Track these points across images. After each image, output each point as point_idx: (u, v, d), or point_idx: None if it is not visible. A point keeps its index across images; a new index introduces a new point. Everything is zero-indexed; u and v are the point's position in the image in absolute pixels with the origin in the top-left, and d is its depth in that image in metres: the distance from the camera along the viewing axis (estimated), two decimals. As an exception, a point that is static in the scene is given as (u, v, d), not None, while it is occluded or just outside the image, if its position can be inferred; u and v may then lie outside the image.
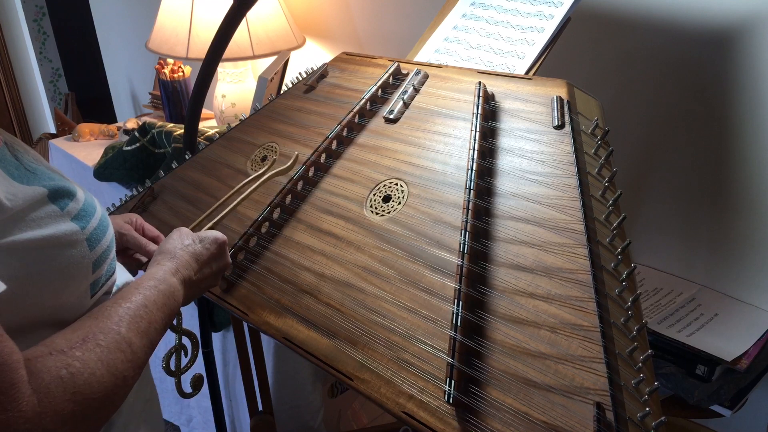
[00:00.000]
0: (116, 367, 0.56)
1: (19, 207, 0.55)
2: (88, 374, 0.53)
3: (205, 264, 0.78)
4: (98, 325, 0.58)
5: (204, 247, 0.78)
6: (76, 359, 0.53)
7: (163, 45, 1.70)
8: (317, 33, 1.83)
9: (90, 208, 0.65)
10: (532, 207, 0.78)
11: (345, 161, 0.98)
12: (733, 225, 1.14)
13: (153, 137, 1.58)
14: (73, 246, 0.60)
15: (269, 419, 1.35)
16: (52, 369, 0.51)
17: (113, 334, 0.58)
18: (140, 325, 0.61)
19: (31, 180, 0.59)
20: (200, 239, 0.79)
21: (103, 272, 0.66)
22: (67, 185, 0.63)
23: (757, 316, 1.09)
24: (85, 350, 0.54)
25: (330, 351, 0.78)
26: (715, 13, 1.07)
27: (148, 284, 0.67)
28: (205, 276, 0.78)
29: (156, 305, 0.65)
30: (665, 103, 1.18)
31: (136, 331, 0.60)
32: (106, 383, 0.54)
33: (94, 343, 0.55)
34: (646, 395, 0.62)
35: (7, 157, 0.60)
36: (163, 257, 0.74)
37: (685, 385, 1.00)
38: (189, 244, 0.77)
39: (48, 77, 3.63)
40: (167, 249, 0.76)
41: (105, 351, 0.56)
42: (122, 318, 0.60)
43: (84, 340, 0.55)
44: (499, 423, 0.64)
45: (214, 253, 0.79)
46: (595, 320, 0.66)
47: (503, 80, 0.94)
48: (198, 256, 0.77)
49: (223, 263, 0.81)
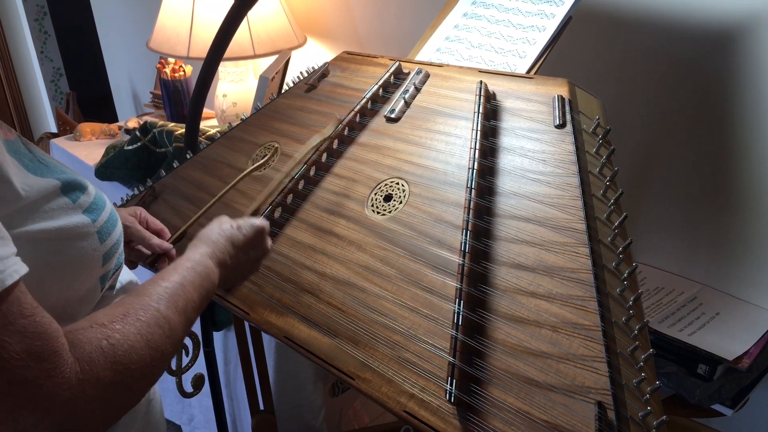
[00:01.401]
0: (155, 341, 0.58)
1: (33, 198, 0.57)
2: (128, 346, 0.55)
3: (241, 249, 0.78)
4: (138, 301, 0.60)
5: (242, 232, 0.79)
6: (117, 332, 0.55)
7: (164, 44, 1.70)
8: (318, 32, 1.83)
9: (100, 202, 0.67)
10: (534, 206, 0.78)
11: (346, 160, 0.98)
12: (734, 224, 1.14)
13: (154, 136, 1.58)
14: (84, 238, 0.62)
15: (270, 418, 1.35)
16: (93, 339, 0.53)
17: (152, 310, 0.59)
18: (178, 304, 0.63)
19: (45, 172, 0.61)
20: (238, 225, 0.80)
21: (112, 266, 0.68)
22: (79, 179, 0.65)
23: (758, 316, 1.09)
24: (125, 324, 0.56)
25: (331, 350, 0.78)
26: (716, 12, 1.07)
27: (186, 265, 0.69)
28: (241, 261, 0.79)
29: (193, 285, 0.67)
30: (666, 102, 1.17)
31: (174, 309, 0.62)
32: (145, 356, 0.56)
33: (134, 318, 0.57)
34: (648, 394, 0.62)
35: (22, 150, 0.62)
36: (199, 241, 0.76)
37: (686, 385, 1.00)
38: (226, 229, 0.78)
39: (49, 76, 3.63)
40: (205, 234, 0.77)
41: (144, 326, 0.57)
42: (161, 296, 0.62)
43: (124, 315, 0.57)
44: (501, 422, 0.64)
45: (251, 238, 0.80)
46: (596, 319, 0.66)
47: (504, 79, 0.94)
48: (234, 240, 0.78)
49: (262, 250, 0.82)
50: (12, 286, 0.48)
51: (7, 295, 0.48)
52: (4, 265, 0.48)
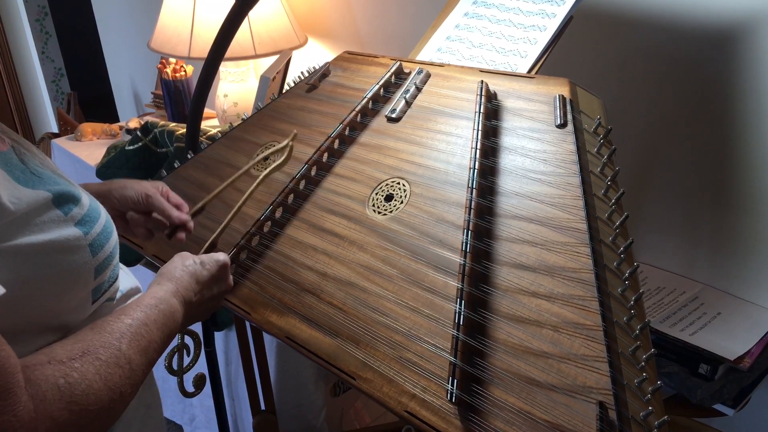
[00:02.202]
0: (114, 382, 0.57)
1: (22, 211, 0.56)
2: (86, 386, 0.54)
3: (206, 286, 0.78)
4: (100, 339, 0.58)
5: (205, 268, 0.78)
6: (75, 370, 0.54)
7: (165, 44, 1.70)
8: (319, 32, 1.83)
9: (94, 214, 0.65)
10: (535, 206, 0.78)
11: (347, 160, 0.98)
12: (735, 223, 1.14)
13: (155, 137, 1.58)
14: (75, 251, 0.60)
15: (272, 418, 1.36)
16: (50, 377, 0.52)
17: (113, 349, 0.58)
18: (140, 343, 0.62)
19: (36, 184, 0.59)
20: (201, 261, 0.79)
21: (106, 278, 0.66)
22: (72, 190, 0.63)
23: (760, 315, 1.09)
24: (84, 362, 0.55)
25: (332, 350, 0.78)
26: (717, 12, 1.07)
27: (150, 303, 0.67)
28: (205, 298, 0.78)
29: (156, 324, 0.66)
30: (667, 102, 1.17)
31: (136, 349, 0.61)
32: (103, 396, 0.55)
33: (93, 357, 0.56)
34: (649, 394, 0.62)
35: (14, 161, 0.60)
36: (163, 278, 0.75)
37: (687, 384, 1.00)
38: (189, 265, 0.78)
39: (50, 77, 3.63)
40: (168, 270, 0.76)
41: (104, 365, 0.56)
42: (124, 334, 0.61)
43: (84, 353, 0.56)
44: (502, 422, 0.64)
45: (215, 274, 0.79)
46: (597, 319, 0.66)
47: (505, 79, 0.94)
48: (198, 276, 0.77)
49: (225, 285, 0.82)
50: None
51: None
52: None
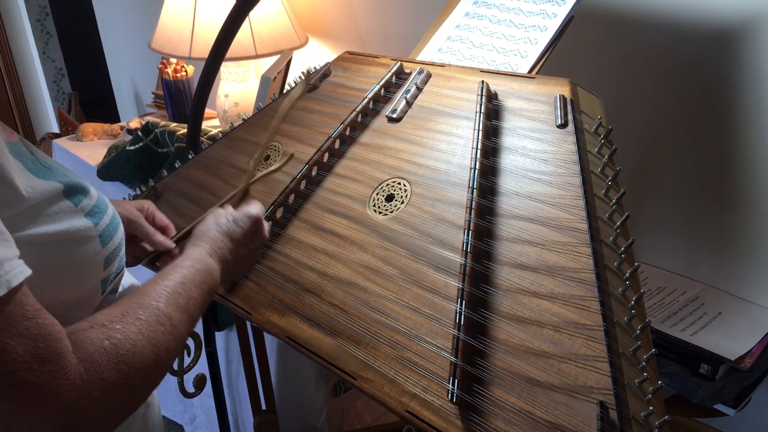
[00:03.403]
0: (157, 339, 0.57)
1: (36, 200, 0.57)
2: (130, 345, 0.54)
3: (241, 243, 0.78)
4: (137, 301, 0.59)
5: (238, 225, 0.79)
6: (117, 331, 0.54)
7: (166, 45, 1.70)
8: (320, 32, 1.83)
9: (102, 205, 0.66)
10: (535, 206, 0.78)
11: (348, 160, 0.98)
12: (736, 223, 1.14)
13: (156, 137, 1.58)
14: (86, 242, 0.61)
15: (272, 418, 1.36)
16: (95, 340, 0.53)
17: (152, 308, 0.59)
18: (179, 301, 0.62)
19: (48, 175, 0.61)
20: (234, 218, 0.79)
21: (114, 269, 0.67)
22: (81, 182, 0.64)
23: (760, 315, 1.09)
24: (125, 323, 0.56)
25: (333, 350, 0.78)
26: (718, 12, 1.07)
27: (185, 264, 0.68)
28: (241, 255, 0.79)
29: (194, 283, 0.66)
30: (668, 102, 1.17)
31: (174, 306, 0.61)
32: (149, 354, 0.56)
33: (133, 317, 0.57)
34: (650, 394, 0.62)
35: (24, 152, 0.61)
36: (197, 239, 0.75)
37: (688, 384, 1.00)
38: (223, 223, 0.78)
39: (51, 77, 3.63)
40: (202, 231, 0.77)
41: (145, 324, 0.57)
42: (160, 294, 0.61)
43: (123, 315, 0.57)
44: (503, 422, 0.64)
45: (249, 230, 0.80)
46: (598, 319, 0.66)
47: (506, 79, 0.94)
48: (232, 234, 0.78)
49: (260, 240, 0.82)
50: (15, 289, 0.48)
51: (11, 298, 0.47)
52: (8, 267, 0.48)
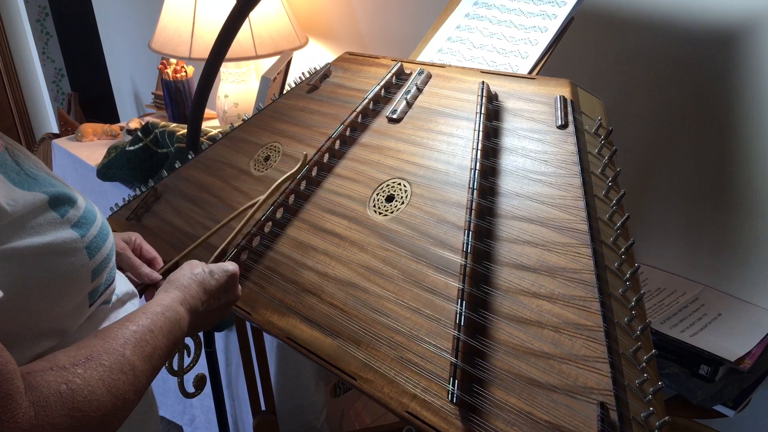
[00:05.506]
0: (117, 388, 0.56)
1: (19, 213, 0.55)
2: (88, 392, 0.53)
3: (213, 295, 0.77)
4: (103, 345, 0.58)
5: (213, 277, 0.77)
6: (77, 376, 0.53)
7: (166, 45, 1.70)
8: (320, 33, 1.84)
9: (90, 216, 0.64)
10: (536, 207, 0.78)
11: (348, 161, 0.98)
12: (736, 225, 1.14)
13: (156, 137, 1.58)
14: (72, 254, 0.60)
15: (272, 419, 1.36)
16: (51, 383, 0.51)
17: (117, 355, 0.58)
18: (145, 350, 0.61)
19: (32, 186, 0.59)
20: (210, 270, 0.78)
21: (103, 280, 0.66)
22: (68, 192, 0.62)
23: (760, 316, 1.09)
24: (88, 368, 0.54)
25: (333, 350, 0.78)
26: (718, 12, 1.07)
27: (155, 310, 0.67)
28: (212, 308, 0.77)
29: (162, 331, 0.65)
30: (668, 103, 1.17)
31: (140, 355, 0.60)
32: (106, 403, 0.54)
33: (97, 363, 0.55)
34: (650, 395, 0.62)
35: (8, 162, 0.60)
36: (170, 285, 0.74)
37: (688, 385, 1.00)
38: (198, 273, 0.77)
39: (51, 77, 3.64)
40: (176, 278, 0.76)
41: (107, 371, 0.56)
42: (128, 341, 0.60)
43: (87, 359, 0.55)
44: (503, 423, 0.64)
45: (223, 284, 0.78)
46: (598, 320, 0.66)
47: (506, 80, 0.94)
48: (206, 285, 0.76)
49: (233, 296, 0.81)
50: None
51: None
52: None
